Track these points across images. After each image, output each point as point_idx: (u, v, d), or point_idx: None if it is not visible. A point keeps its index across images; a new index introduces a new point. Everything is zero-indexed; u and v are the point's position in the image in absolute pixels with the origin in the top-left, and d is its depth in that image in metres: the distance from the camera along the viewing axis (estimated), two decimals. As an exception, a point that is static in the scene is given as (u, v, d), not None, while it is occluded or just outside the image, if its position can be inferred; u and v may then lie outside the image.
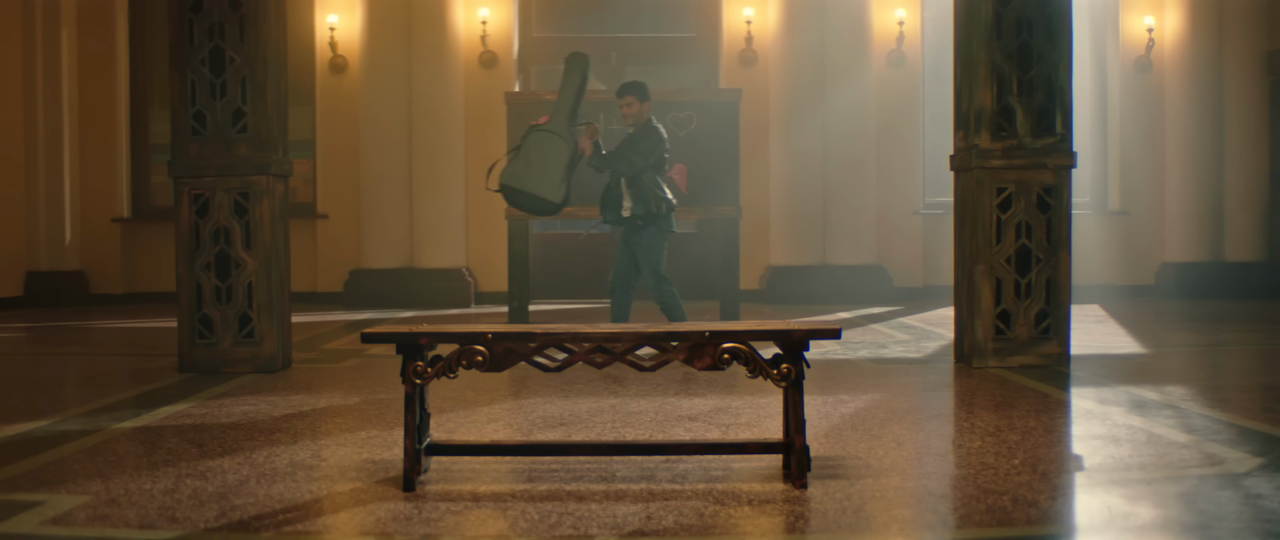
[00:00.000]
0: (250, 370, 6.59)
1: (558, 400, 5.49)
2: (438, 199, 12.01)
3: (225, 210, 6.61)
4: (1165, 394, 5.52)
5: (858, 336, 8.47)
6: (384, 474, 3.88)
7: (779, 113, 12.12)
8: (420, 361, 3.69)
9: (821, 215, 12.13)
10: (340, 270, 12.32)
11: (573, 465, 3.96)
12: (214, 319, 6.63)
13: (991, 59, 6.57)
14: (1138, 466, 3.85)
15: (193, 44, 6.66)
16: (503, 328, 3.78)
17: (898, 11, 12.44)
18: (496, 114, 11.30)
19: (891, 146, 12.47)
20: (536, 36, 12.75)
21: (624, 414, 5.09)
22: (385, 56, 11.95)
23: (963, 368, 6.59)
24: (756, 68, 12.33)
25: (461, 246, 12.24)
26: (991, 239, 6.56)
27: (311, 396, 5.73)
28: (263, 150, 6.63)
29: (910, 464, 3.98)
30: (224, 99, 6.64)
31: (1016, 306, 6.56)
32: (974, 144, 6.61)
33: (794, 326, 3.66)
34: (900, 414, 5.05)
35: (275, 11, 6.81)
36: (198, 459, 4.14)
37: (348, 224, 12.35)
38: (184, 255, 6.64)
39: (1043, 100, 6.58)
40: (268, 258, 6.63)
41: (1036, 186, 6.57)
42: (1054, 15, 6.60)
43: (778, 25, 12.13)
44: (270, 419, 5.05)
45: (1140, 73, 12.91)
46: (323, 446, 4.43)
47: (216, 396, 5.69)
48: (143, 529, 3.19)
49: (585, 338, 3.76)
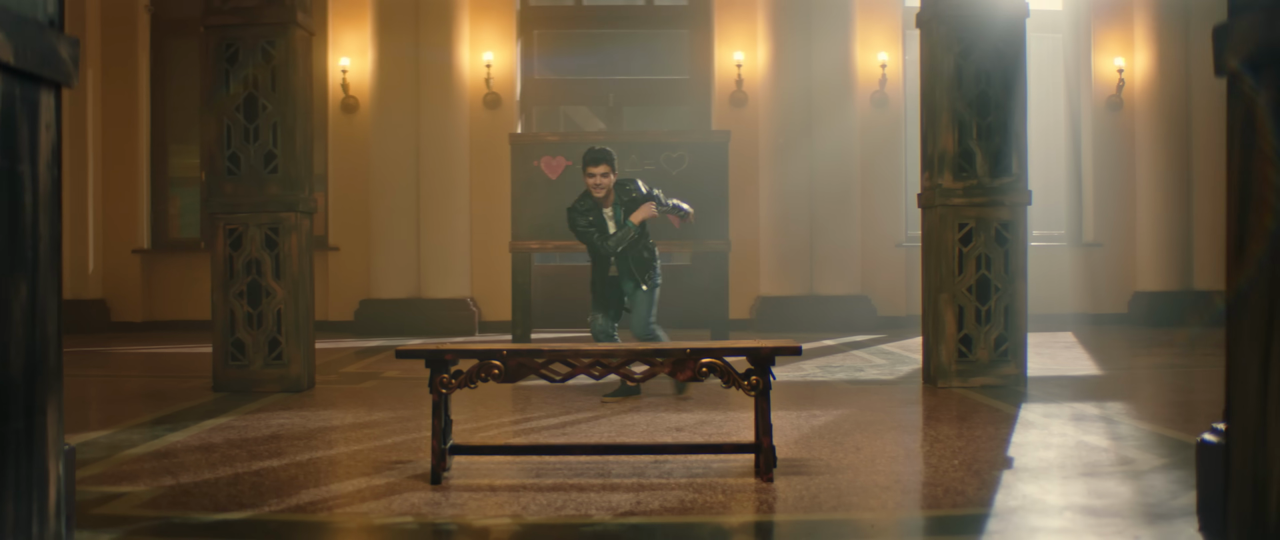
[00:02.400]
0: (278, 390, 7.22)
1: (560, 415, 6.12)
2: (444, 232, 12.66)
3: (257, 243, 7.26)
4: (1104, 409, 6.16)
5: (838, 361, 9.10)
6: (412, 472, 4.51)
7: (768, 151, 12.80)
8: (446, 373, 4.34)
9: (809, 248, 12.79)
10: (351, 300, 12.96)
11: (574, 464, 4.60)
12: (246, 342, 7.27)
13: (953, 107, 7.25)
14: (1058, 466, 4.49)
15: (229, 92, 7.33)
16: (515, 346, 4.43)
17: (880, 55, 13.15)
18: (500, 152, 12.00)
19: (875, 182, 13.15)
20: (538, 78, 13.45)
21: (619, 425, 5.72)
22: (394, 97, 12.64)
23: (929, 388, 7.22)
24: (747, 108, 13.03)
25: (466, 278, 12.88)
26: (954, 270, 7.22)
27: (338, 412, 6.36)
28: (292, 189, 7.29)
29: (865, 464, 4.62)
30: (257, 142, 7.30)
31: (977, 332, 7.21)
32: (938, 183, 7.28)
33: (761, 344, 4.32)
34: (864, 426, 5.69)
35: (303, 63, 7.49)
36: (249, 460, 4.78)
37: (358, 256, 13.00)
38: (219, 284, 7.29)
39: (1000, 144, 7.25)
40: (295, 287, 7.28)
41: (995, 222, 7.24)
42: (1010, 67, 7.28)
43: (766, 68, 12.84)
44: (305, 430, 5.68)
45: (1112, 111, 13.62)
46: (355, 451, 5.07)
47: (253, 412, 6.33)
48: (217, 511, 3.82)
49: (585, 354, 4.41)
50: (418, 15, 12.58)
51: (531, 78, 13.41)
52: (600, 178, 6.59)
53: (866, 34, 13.14)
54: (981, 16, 7.21)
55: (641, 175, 10.02)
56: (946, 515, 3.73)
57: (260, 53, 7.30)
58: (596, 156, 6.62)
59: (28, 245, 2.06)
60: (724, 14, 13.11)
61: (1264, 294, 2.05)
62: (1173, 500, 3.81)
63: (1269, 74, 2.03)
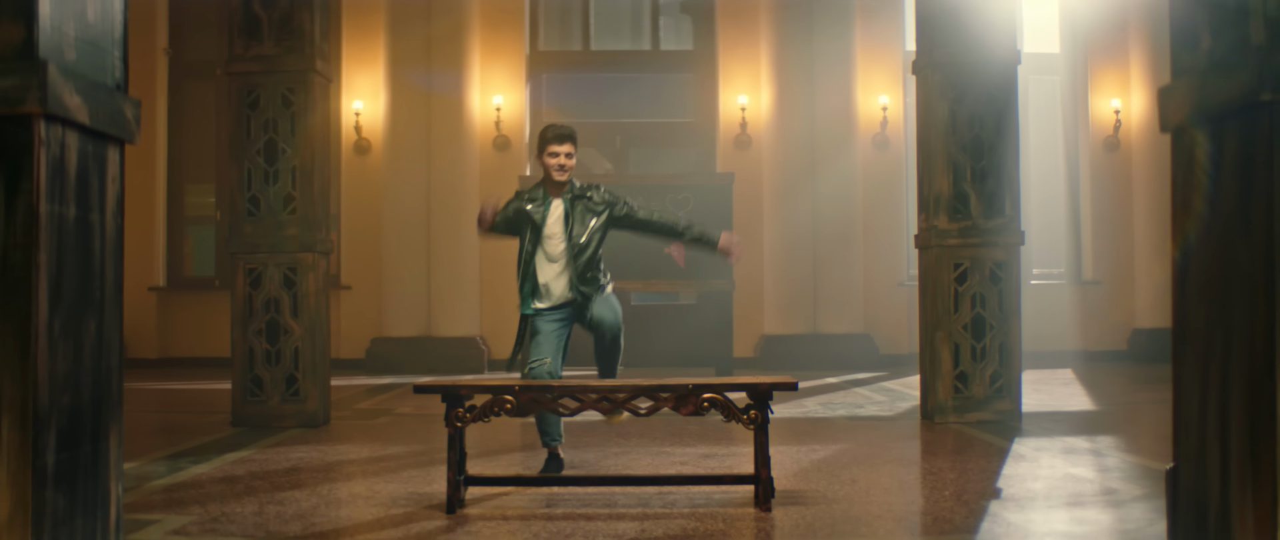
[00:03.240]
0: (295, 425, 7.44)
1: (569, 451, 6.33)
2: (454, 272, 12.90)
3: (276, 283, 7.51)
4: (1095, 443, 6.37)
5: (839, 398, 9.31)
6: (428, 503, 4.73)
7: (772, 192, 13.05)
8: (461, 408, 4.57)
9: (812, 287, 13.01)
10: (362, 338, 13.19)
11: (583, 495, 4.81)
12: (264, 379, 7.50)
13: (948, 151, 7.50)
14: (1044, 496, 4.70)
15: (249, 137, 7.61)
16: (526, 382, 4.66)
17: (881, 98, 13.43)
18: (510, 192, 12.25)
19: (877, 223, 13.39)
20: (547, 121, 13.74)
21: (625, 460, 5.94)
22: (406, 139, 12.93)
23: (926, 423, 7.43)
24: (751, 150, 13.30)
25: (475, 316, 13.11)
26: (950, 308, 7.44)
27: (354, 446, 6.59)
28: (309, 230, 7.55)
29: (860, 495, 4.83)
30: (276, 185, 7.57)
31: (973, 368, 7.42)
32: (934, 225, 7.52)
33: (759, 380, 4.55)
34: (861, 459, 5.90)
35: (320, 109, 7.77)
36: (272, 491, 5.01)
37: (369, 294, 13.24)
38: (239, 322, 7.53)
39: (993, 186, 7.50)
40: (312, 325, 7.53)
41: (989, 262, 7.47)
42: (1002, 112, 7.54)
43: (770, 111, 13.12)
44: (324, 463, 5.91)
45: (1109, 151, 13.87)
46: (373, 483, 5.29)
47: (272, 446, 6.55)
48: (245, 537, 4.05)
49: (592, 390, 4.64)
50: (429, 59, 12.89)
51: (540, 120, 13.69)
52: (564, 159, 5.51)
53: (867, 78, 13.42)
54: (974, 64, 7.47)
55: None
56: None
57: (280, 99, 7.58)
58: (562, 133, 5.52)
59: (97, 286, 2.31)
60: (729, 58, 13.41)
61: (1202, 331, 2.28)
62: (1149, 527, 4.02)
63: (1204, 130, 2.28)
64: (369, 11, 13.16)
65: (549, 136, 5.56)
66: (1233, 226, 2.16)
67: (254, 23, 7.56)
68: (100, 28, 2.33)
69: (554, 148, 5.53)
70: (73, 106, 2.14)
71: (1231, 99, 2.13)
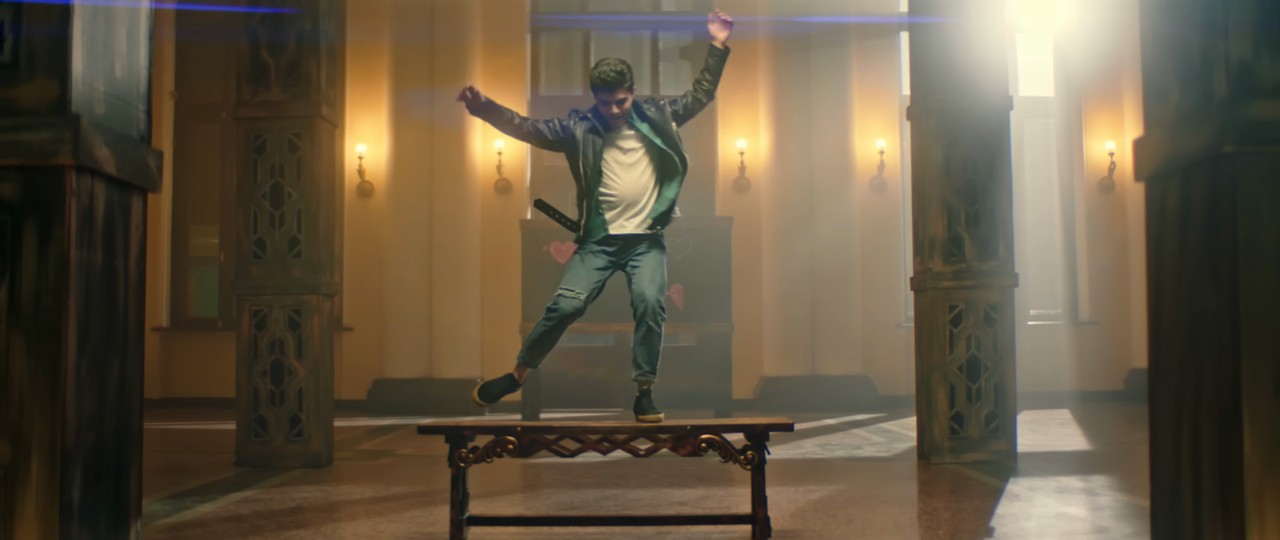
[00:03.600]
0: (299, 465, 7.52)
1: (569, 491, 6.41)
2: (455, 314, 13.02)
3: (281, 324, 7.62)
4: (1088, 482, 6.45)
5: (838, 440, 9.39)
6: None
7: (770, 234, 13.19)
8: (464, 448, 4.66)
9: (810, 329, 13.12)
10: (364, 379, 13.28)
11: (583, 534, 4.90)
12: (268, 419, 7.59)
13: (942, 195, 7.63)
14: (1036, 534, 4.79)
15: (256, 181, 7.74)
16: (527, 423, 4.76)
17: (878, 142, 13.60)
18: (511, 236, 12.40)
19: (875, 265, 13.52)
20: (547, 165, 13.90)
21: (625, 501, 6.02)
22: (409, 183, 13.09)
23: (923, 464, 7.51)
24: (749, 193, 13.45)
25: (476, 358, 13.21)
26: (946, 350, 7.54)
27: (357, 487, 6.67)
28: (314, 273, 7.66)
29: (855, 535, 4.91)
30: (282, 228, 7.70)
31: (968, 409, 7.51)
32: (929, 268, 7.63)
33: (756, 421, 4.64)
34: (857, 499, 5.98)
35: (326, 154, 7.91)
36: (277, 530, 5.09)
37: (371, 336, 13.34)
38: (243, 363, 7.63)
39: (987, 229, 7.62)
40: (316, 366, 7.62)
41: (984, 304, 7.58)
42: (995, 156, 7.68)
43: (768, 155, 13.29)
44: (327, 503, 5.99)
45: (1104, 193, 14.02)
46: (376, 522, 5.37)
47: (276, 486, 6.63)
48: (253, 574, 4.13)
49: (593, 431, 4.74)
50: (432, 104, 13.06)
51: (541, 164, 13.86)
52: (616, 108, 4.93)
53: (864, 122, 13.60)
54: (967, 109, 7.61)
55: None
56: (926, 577, 4.03)
57: (287, 144, 7.72)
58: (607, 78, 4.86)
59: (120, 329, 2.42)
60: (727, 103, 13.59)
61: (1174, 373, 2.39)
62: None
63: (1174, 181, 2.40)
64: (373, 57, 13.36)
65: (595, 82, 4.89)
66: (1201, 273, 2.28)
67: (262, 69, 7.72)
68: (127, 83, 2.45)
69: (603, 97, 4.90)
70: (102, 158, 2.26)
71: (1198, 151, 2.25)
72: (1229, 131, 2.15)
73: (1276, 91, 2.17)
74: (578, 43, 14.08)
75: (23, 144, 2.17)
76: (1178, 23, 2.36)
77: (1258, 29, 2.18)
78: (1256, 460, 2.13)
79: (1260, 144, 2.15)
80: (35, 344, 2.17)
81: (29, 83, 2.21)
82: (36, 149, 2.17)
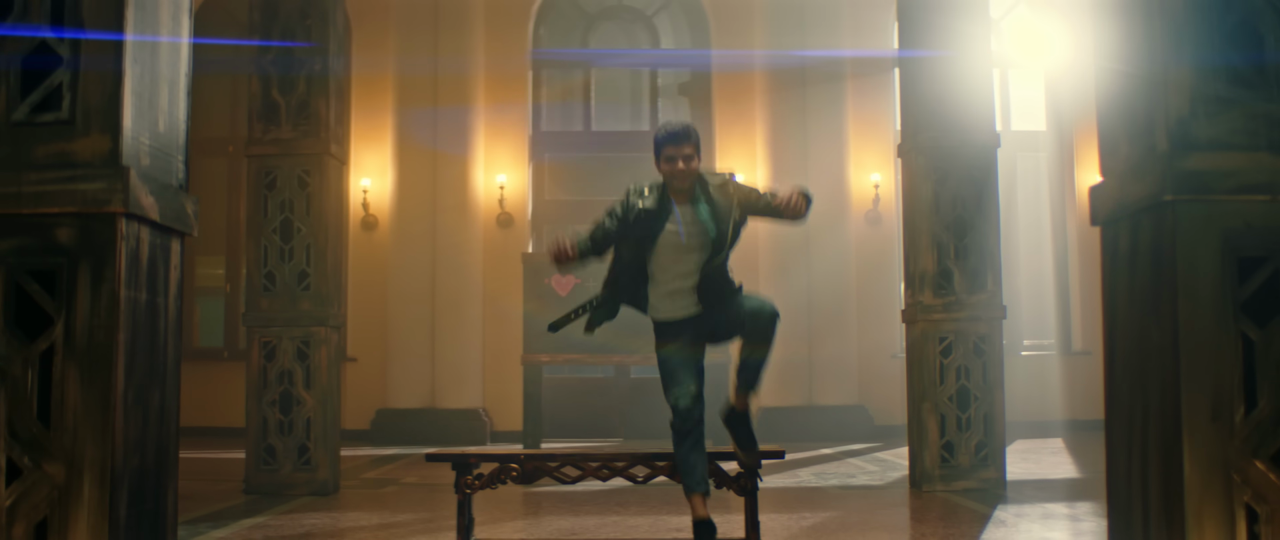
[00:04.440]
0: (306, 493, 7.71)
1: (570, 518, 6.61)
2: (458, 345, 13.22)
3: (289, 355, 7.83)
4: (1074, 509, 6.64)
5: (833, 468, 9.58)
6: (437, 564, 5.02)
7: (767, 267, 13.40)
8: (469, 475, 4.87)
9: (807, 359, 13.31)
10: (368, 409, 13.46)
11: (583, 557, 5.10)
12: (277, 448, 7.79)
13: (932, 230, 7.87)
14: (1019, 557, 4.99)
15: (266, 216, 7.98)
16: (531, 451, 4.97)
17: (874, 176, 13.85)
18: (513, 268, 12.63)
19: (870, 296, 13.73)
20: (548, 199, 14.17)
21: (624, 527, 6.21)
22: (412, 216, 13.32)
23: (914, 492, 7.70)
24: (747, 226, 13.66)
25: (479, 388, 13.40)
26: (936, 380, 7.75)
27: (364, 514, 6.86)
28: (322, 305, 7.88)
29: (846, 557, 5.12)
30: (291, 262, 7.92)
31: (958, 438, 7.71)
32: (919, 300, 7.86)
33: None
34: (849, 526, 6.18)
35: (335, 190, 8.15)
36: (289, 554, 5.29)
37: (375, 366, 13.53)
38: (253, 392, 7.84)
39: (976, 263, 7.85)
40: (324, 396, 7.83)
41: (973, 336, 7.79)
42: (984, 192, 7.92)
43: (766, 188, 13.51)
44: (336, 529, 6.18)
45: (1096, 225, 14.23)
46: (384, 547, 5.57)
47: (285, 513, 6.83)
48: (269, 595, 4.33)
49: (593, 458, 4.95)
50: (435, 139, 13.33)
51: (542, 198, 14.12)
52: (683, 163, 4.63)
53: (859, 156, 13.85)
54: (955, 147, 7.86)
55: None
56: (910, 596, 4.24)
57: (297, 180, 7.96)
58: (675, 134, 4.63)
59: (161, 361, 2.64)
60: (724, 137, 13.85)
61: (1125, 402, 2.61)
62: (1113, 585, 4.30)
63: (1124, 226, 2.63)
64: (377, 92, 13.62)
65: (661, 139, 4.66)
66: (1147, 310, 2.50)
67: (272, 108, 7.97)
68: (168, 137, 2.69)
69: (669, 151, 4.64)
70: (147, 205, 2.49)
71: (1143, 198, 2.48)
72: (1169, 181, 2.38)
73: (1211, 145, 2.40)
74: (578, 78, 14.36)
75: (78, 193, 2.40)
76: (1125, 84, 2.60)
77: (1194, 91, 2.42)
78: (1196, 480, 2.35)
79: (1196, 193, 2.38)
80: (88, 375, 2.39)
81: (84, 138, 2.44)
82: (91, 198, 2.40)
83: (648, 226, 4.68)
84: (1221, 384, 2.36)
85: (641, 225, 4.69)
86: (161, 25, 2.67)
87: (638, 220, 4.71)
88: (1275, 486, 2.35)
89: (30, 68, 2.48)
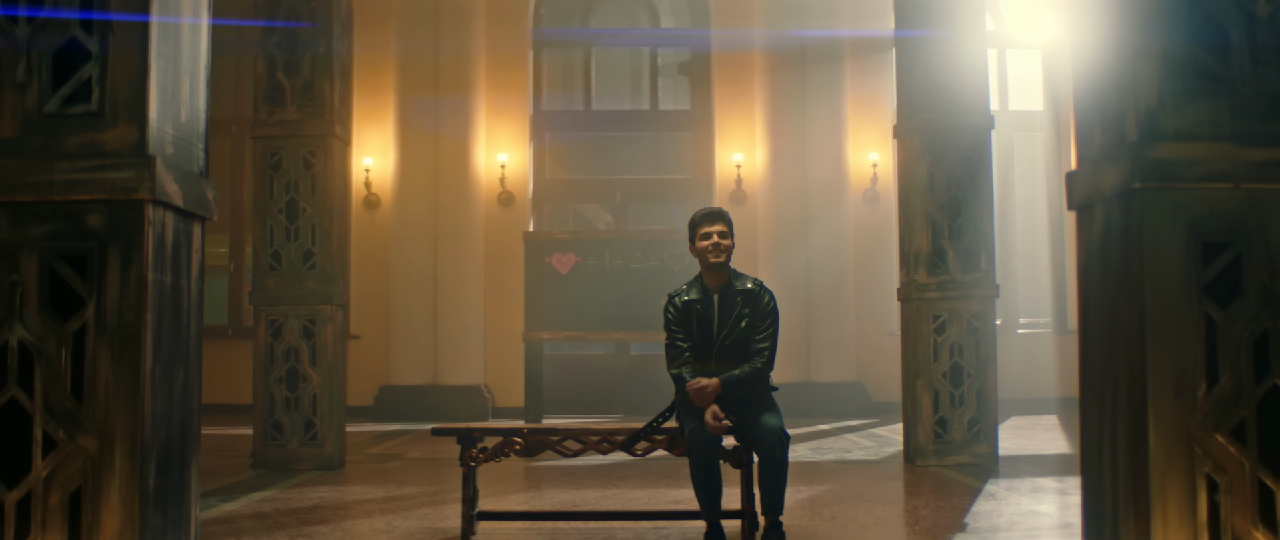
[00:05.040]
0: (313, 468, 7.88)
1: (572, 491, 6.77)
2: (459, 323, 13.38)
3: (296, 333, 7.99)
4: (1062, 483, 6.81)
5: (830, 444, 9.74)
6: (443, 536, 5.18)
7: (766, 245, 13.56)
8: (474, 448, 5.03)
9: (805, 337, 13.47)
10: (371, 386, 13.64)
11: (584, 529, 5.26)
12: (283, 424, 7.95)
13: (927, 210, 8.00)
14: (1005, 528, 5.15)
15: (272, 196, 8.11)
16: (533, 425, 5.13)
17: (871, 155, 13.98)
18: (514, 246, 12.79)
19: (868, 275, 13.88)
20: (549, 178, 14.30)
21: (624, 499, 6.37)
22: (414, 195, 13.45)
23: (908, 466, 7.87)
24: (746, 205, 13.82)
25: (480, 365, 13.56)
26: (930, 358, 7.91)
27: (370, 487, 7.03)
28: (328, 284, 8.03)
29: (838, 530, 5.28)
30: (297, 242, 8.07)
31: (952, 414, 7.88)
32: (914, 279, 8.00)
33: (746, 422, 5.00)
34: (843, 499, 6.34)
35: (339, 170, 8.29)
36: (299, 525, 5.45)
37: (377, 344, 13.70)
38: (260, 370, 7.99)
39: (970, 243, 7.99)
40: (330, 373, 7.99)
41: (966, 314, 7.95)
42: (977, 173, 8.05)
43: (764, 168, 13.67)
44: (343, 502, 6.35)
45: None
46: (390, 519, 5.73)
47: (293, 487, 6.99)
48: (282, 564, 4.50)
49: (593, 433, 5.10)
50: (437, 119, 13.45)
51: (543, 177, 14.25)
52: (718, 238, 4.94)
53: (858, 135, 13.96)
54: (950, 128, 7.99)
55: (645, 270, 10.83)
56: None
57: (302, 161, 8.09)
58: (711, 213, 5.02)
59: (185, 339, 2.79)
60: (724, 118, 13.97)
61: (1098, 376, 2.76)
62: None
63: (1098, 211, 2.77)
64: (379, 71, 13.73)
65: (698, 218, 5.02)
66: (1117, 291, 2.65)
67: (278, 90, 8.09)
68: (190, 126, 2.83)
69: (706, 228, 4.96)
70: (171, 192, 2.63)
71: (1115, 185, 2.62)
72: (1137, 169, 2.52)
73: (1176, 136, 2.54)
74: (579, 57, 14.46)
75: (108, 181, 2.54)
76: (1098, 76, 2.74)
77: (1161, 84, 2.56)
78: (1160, 452, 2.50)
79: (1163, 181, 2.52)
80: (118, 353, 2.54)
81: (113, 128, 2.58)
82: (120, 186, 2.54)
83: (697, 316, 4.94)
84: (1185, 362, 2.50)
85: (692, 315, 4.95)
86: (182, 19, 2.80)
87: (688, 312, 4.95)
88: (1234, 459, 2.50)
89: (61, 62, 2.61)
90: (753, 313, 4.91)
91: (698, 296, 4.96)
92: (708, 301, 4.94)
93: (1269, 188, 2.53)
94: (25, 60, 2.60)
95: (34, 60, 2.60)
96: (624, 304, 11.32)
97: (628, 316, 11.27)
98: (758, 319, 4.91)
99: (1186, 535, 2.49)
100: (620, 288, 11.39)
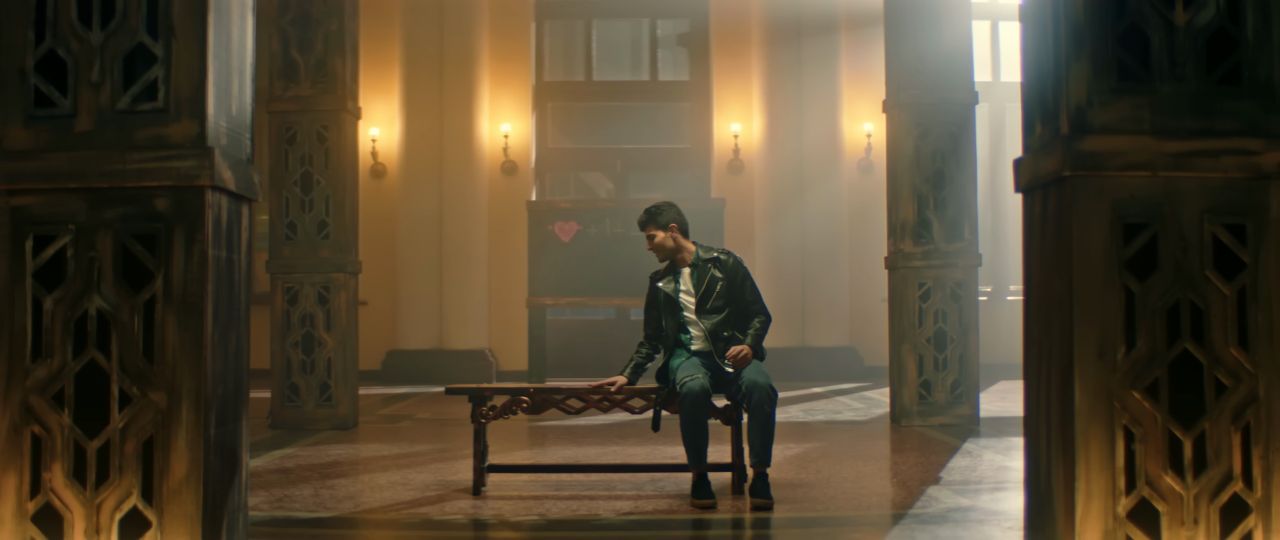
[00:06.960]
0: (328, 428, 8.29)
1: (574, 448, 7.19)
2: (464, 289, 13.77)
3: (311, 300, 8.38)
4: (1037, 442, 7.22)
5: (821, 405, 10.16)
6: (455, 488, 5.59)
7: (763, 213, 13.93)
8: (484, 406, 5.43)
9: (800, 303, 13.88)
10: (378, 351, 14.04)
11: (586, 481, 5.68)
12: (300, 386, 8.36)
13: (913, 182, 8.38)
14: (976, 481, 5.56)
15: (287, 169, 8.48)
16: (538, 385, 5.53)
17: (866, 125, 14.32)
18: (517, 214, 13.17)
19: (862, 242, 14.25)
20: (552, 148, 14.66)
21: (624, 455, 6.79)
22: (419, 164, 13.81)
23: (894, 426, 8.28)
24: (743, 175, 14.19)
25: (484, 330, 13.97)
26: (915, 323, 8.31)
27: (384, 446, 7.45)
28: (341, 253, 8.42)
29: (821, 482, 5.69)
30: (311, 212, 8.45)
31: (935, 377, 8.28)
32: (900, 248, 8.39)
33: (736, 383, 5.40)
34: (828, 455, 6.76)
35: (350, 143, 8.65)
36: (321, 479, 5.87)
37: (385, 310, 14.10)
38: (277, 335, 8.40)
39: (954, 214, 8.37)
40: (343, 338, 8.39)
41: (950, 282, 8.34)
42: (962, 147, 8.42)
43: (761, 138, 14.02)
44: (359, 458, 6.77)
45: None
46: (405, 473, 6.15)
47: (311, 445, 7.41)
48: (310, 512, 4.91)
49: (594, 392, 5.51)
50: (442, 90, 13.79)
51: (546, 146, 14.60)
52: (650, 245, 5.56)
53: (853, 106, 14.30)
54: (936, 104, 8.35)
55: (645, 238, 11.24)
56: (873, 513, 4.81)
57: (315, 135, 8.46)
58: (640, 221, 5.61)
59: (237, 308, 3.18)
60: (722, 88, 14.30)
61: (1037, 341, 3.16)
62: (1054, 503, 4.87)
63: (1038, 195, 3.15)
64: (385, 44, 14.05)
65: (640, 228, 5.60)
66: (1052, 265, 3.03)
67: (292, 67, 8.44)
68: (240, 119, 3.21)
69: (646, 236, 5.58)
70: (226, 178, 3.02)
71: (1050, 173, 3.00)
72: (1068, 159, 2.90)
73: (1103, 130, 2.92)
74: (580, 29, 14.78)
75: (173, 169, 2.92)
76: (1038, 75, 3.11)
77: (1090, 84, 2.93)
78: (1084, 407, 2.89)
79: (1090, 169, 2.90)
80: (183, 320, 2.93)
81: (176, 123, 2.96)
82: (183, 173, 2.92)
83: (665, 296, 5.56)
84: (1107, 328, 2.89)
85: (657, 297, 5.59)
86: (232, 25, 3.18)
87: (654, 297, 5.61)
88: (1149, 413, 2.89)
89: (129, 64, 2.99)
90: (727, 277, 5.51)
91: (670, 274, 5.59)
92: (678, 276, 5.56)
93: (1183, 176, 2.92)
94: (99, 63, 2.98)
95: (107, 63, 2.98)
96: (624, 270, 11.69)
97: (627, 283, 11.64)
98: (737, 282, 5.55)
99: (1106, 478, 2.89)
100: (620, 255, 11.75)
